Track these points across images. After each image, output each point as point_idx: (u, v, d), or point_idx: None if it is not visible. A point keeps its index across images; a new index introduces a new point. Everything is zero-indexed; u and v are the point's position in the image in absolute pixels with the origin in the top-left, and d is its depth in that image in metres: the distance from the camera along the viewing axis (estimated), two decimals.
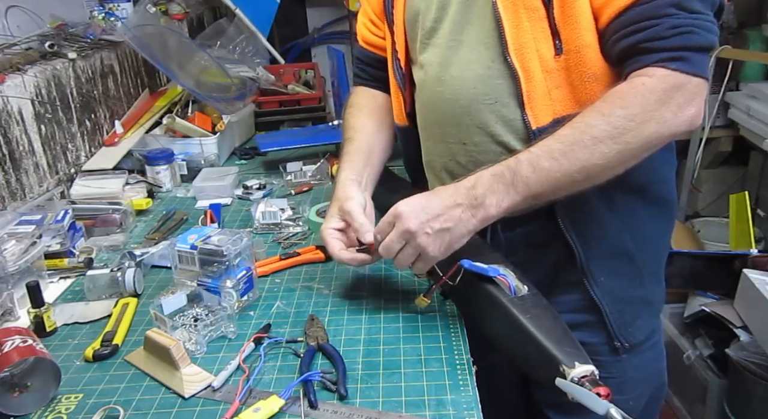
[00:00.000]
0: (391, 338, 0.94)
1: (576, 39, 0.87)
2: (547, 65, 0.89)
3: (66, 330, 1.02)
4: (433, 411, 0.79)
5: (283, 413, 0.80)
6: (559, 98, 0.91)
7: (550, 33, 0.88)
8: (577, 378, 0.73)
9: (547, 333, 0.79)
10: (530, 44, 0.89)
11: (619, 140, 0.81)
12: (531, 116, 0.91)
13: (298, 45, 3.35)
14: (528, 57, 0.89)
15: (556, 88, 0.90)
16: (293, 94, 2.12)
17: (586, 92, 0.89)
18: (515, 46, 0.89)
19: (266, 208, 1.35)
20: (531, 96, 0.91)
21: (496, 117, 0.94)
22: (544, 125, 0.91)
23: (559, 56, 0.88)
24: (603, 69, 0.88)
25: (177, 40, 1.87)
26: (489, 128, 0.95)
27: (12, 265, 1.07)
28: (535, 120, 0.91)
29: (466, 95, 0.96)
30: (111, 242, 1.29)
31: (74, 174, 1.53)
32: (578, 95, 0.90)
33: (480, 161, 0.97)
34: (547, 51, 0.89)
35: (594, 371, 0.74)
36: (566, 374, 0.74)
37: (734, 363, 1.77)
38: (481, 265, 0.90)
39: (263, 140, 1.77)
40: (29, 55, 1.45)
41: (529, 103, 0.91)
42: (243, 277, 1.04)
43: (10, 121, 1.31)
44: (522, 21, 0.89)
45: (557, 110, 0.91)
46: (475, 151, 0.98)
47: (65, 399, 0.85)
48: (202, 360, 0.91)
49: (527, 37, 0.89)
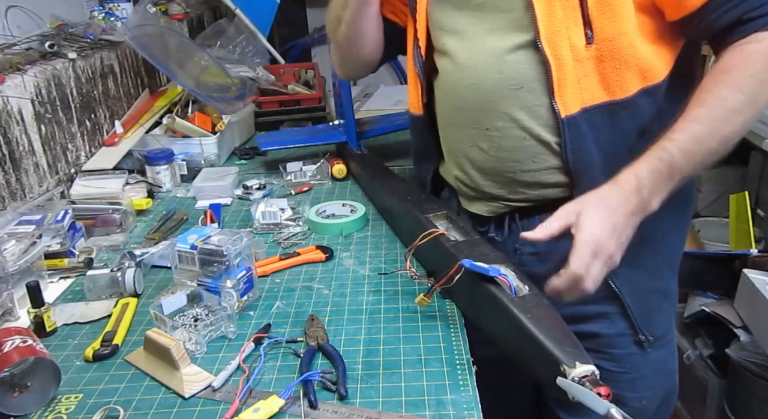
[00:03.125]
0: (391, 338, 0.94)
1: (611, 27, 0.88)
2: (578, 54, 0.90)
3: (66, 330, 1.02)
4: (433, 411, 0.79)
5: (283, 413, 0.80)
6: (588, 87, 0.91)
7: (582, 22, 0.89)
8: (578, 378, 0.73)
9: (548, 332, 0.79)
10: (562, 32, 0.89)
11: (754, 105, 0.85)
12: (560, 104, 0.91)
13: (298, 45, 3.35)
14: (560, 45, 0.90)
15: (585, 76, 0.91)
16: (293, 94, 2.12)
17: (618, 80, 0.90)
18: (547, 34, 0.90)
19: (266, 208, 1.35)
20: (561, 84, 0.91)
21: (520, 103, 0.95)
22: (572, 113, 0.92)
23: (590, 45, 0.89)
24: (634, 57, 0.89)
25: (177, 40, 1.87)
26: (512, 114, 0.96)
27: (12, 265, 1.07)
28: (564, 108, 0.92)
29: (490, 81, 0.96)
30: (111, 242, 1.29)
31: (74, 174, 1.53)
32: (609, 83, 0.91)
33: (502, 146, 0.99)
34: (578, 39, 0.89)
35: (595, 371, 0.74)
36: (567, 373, 0.74)
37: (734, 363, 1.77)
38: (482, 265, 0.89)
39: (263, 140, 1.77)
40: (29, 55, 1.45)
41: (559, 91, 0.91)
42: (243, 277, 1.04)
43: (10, 121, 1.31)
44: (555, 9, 0.89)
45: (585, 99, 0.92)
46: (497, 136, 0.99)
47: (65, 399, 0.85)
48: (202, 360, 0.91)
49: (560, 25, 0.89)
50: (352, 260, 1.19)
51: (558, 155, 0.96)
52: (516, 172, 1.00)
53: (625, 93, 0.91)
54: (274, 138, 1.80)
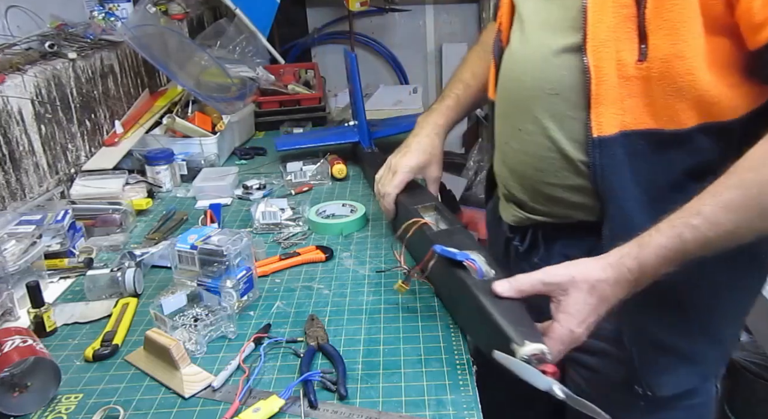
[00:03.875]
0: (391, 338, 0.94)
1: (667, 47, 0.77)
2: (625, 70, 0.80)
3: (66, 330, 1.02)
4: (433, 411, 0.79)
5: (283, 413, 0.80)
6: (632, 109, 0.81)
7: (636, 35, 0.78)
8: (526, 356, 0.74)
9: (504, 312, 0.81)
10: (610, 43, 0.80)
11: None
12: (595, 121, 0.83)
13: (298, 45, 3.35)
14: (604, 56, 0.80)
15: (630, 97, 0.81)
16: (293, 94, 2.12)
17: (666, 108, 0.80)
18: (594, 41, 0.81)
19: (266, 208, 1.35)
20: (599, 100, 0.82)
21: (553, 110, 0.88)
22: (607, 134, 0.82)
23: (642, 63, 0.79)
24: (692, 87, 0.77)
25: (177, 40, 1.86)
26: (542, 120, 0.89)
27: (12, 265, 1.07)
28: (598, 127, 0.83)
29: (530, 80, 0.90)
30: (111, 242, 1.29)
31: (74, 174, 1.53)
32: (656, 110, 0.80)
33: (528, 152, 0.93)
34: (628, 54, 0.79)
35: (543, 350, 0.75)
36: (516, 351, 0.75)
37: (734, 363, 1.77)
38: (452, 250, 0.91)
39: (281, 141, 1.81)
40: (29, 55, 1.45)
41: (595, 108, 0.82)
42: (243, 277, 1.04)
43: (10, 121, 1.31)
44: (606, 15, 0.79)
45: (627, 122, 0.82)
46: (527, 139, 0.93)
47: (65, 399, 0.85)
48: (202, 360, 0.91)
49: (608, 34, 0.80)
50: (352, 260, 1.19)
51: (584, 175, 0.87)
52: (538, 182, 0.94)
53: (677, 125, 0.80)
54: (291, 139, 1.84)
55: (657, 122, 0.81)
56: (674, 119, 0.79)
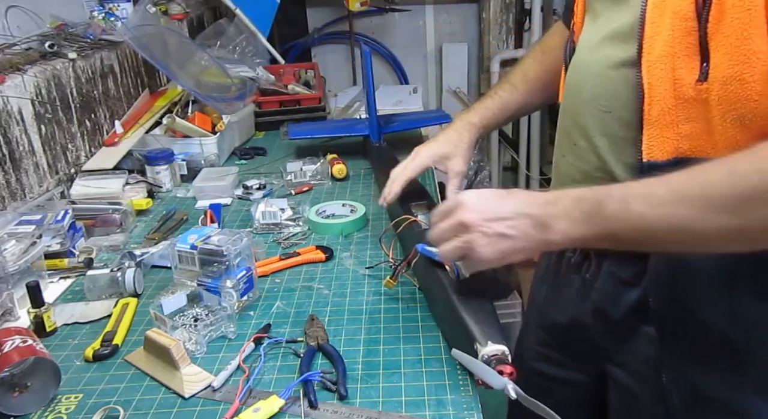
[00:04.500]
0: (391, 338, 0.94)
1: (725, 68, 0.68)
2: (682, 91, 0.71)
3: (66, 330, 1.02)
4: (433, 411, 0.79)
5: (283, 413, 0.80)
6: (689, 135, 0.72)
7: (698, 52, 0.69)
8: (487, 356, 0.77)
9: (472, 313, 0.84)
10: (666, 59, 0.72)
11: (742, 215, 0.62)
12: (646, 144, 0.75)
13: (298, 45, 3.35)
14: (659, 73, 0.72)
15: (688, 121, 0.72)
16: (293, 94, 2.12)
17: (726, 137, 0.70)
18: (649, 57, 0.73)
19: (266, 208, 1.35)
20: (651, 121, 0.74)
21: (605, 128, 0.81)
22: (659, 159, 0.74)
23: (702, 83, 0.69)
24: (756, 116, 0.68)
25: (177, 40, 1.87)
26: (593, 138, 0.83)
27: (12, 265, 1.07)
28: (648, 151, 0.75)
29: (585, 92, 0.84)
30: (111, 242, 1.29)
31: (74, 174, 1.53)
32: (715, 138, 0.71)
33: (580, 169, 0.86)
34: (687, 73, 0.70)
35: (505, 351, 0.77)
36: (478, 351, 0.78)
37: None
38: (432, 249, 0.93)
39: (293, 129, 1.85)
40: (29, 55, 1.45)
41: (647, 129, 0.75)
42: (243, 277, 1.04)
43: (10, 121, 1.31)
44: (665, 28, 0.71)
45: (683, 148, 0.73)
46: (576, 153, 0.87)
47: (65, 399, 0.85)
48: (202, 360, 0.91)
49: (665, 49, 0.72)
50: (352, 260, 1.19)
51: None
52: None
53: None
54: (304, 128, 1.89)
55: (717, 151, 0.71)
56: (736, 149, 0.69)
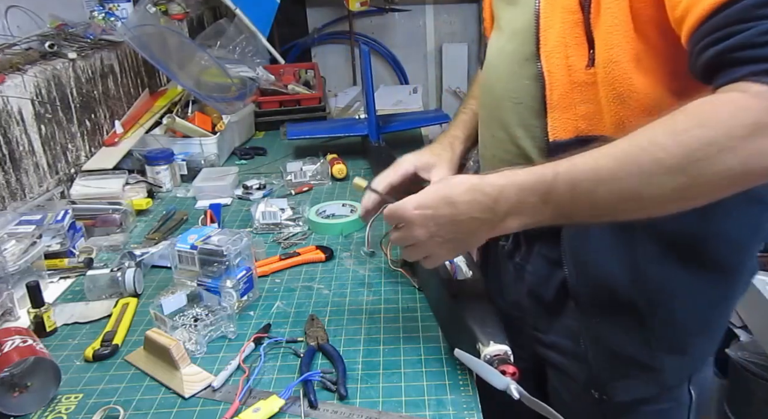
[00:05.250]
0: (391, 338, 0.94)
1: (604, 52, 0.76)
2: (576, 76, 0.80)
3: (66, 330, 1.02)
4: (433, 411, 0.79)
5: (283, 413, 0.80)
6: (585, 115, 0.81)
7: (585, 40, 0.78)
8: (489, 356, 0.77)
9: (473, 313, 0.84)
10: (559, 49, 0.81)
11: (688, 170, 0.63)
12: (550, 125, 0.84)
13: (298, 45, 3.35)
14: (555, 62, 0.81)
15: (583, 102, 0.81)
16: (293, 94, 2.12)
17: (612, 115, 0.78)
18: (546, 48, 0.82)
19: (266, 208, 1.35)
20: (553, 105, 0.83)
21: (518, 118, 0.89)
22: (563, 139, 0.83)
23: (590, 68, 0.78)
24: (632, 92, 0.76)
25: (177, 40, 1.87)
26: (510, 128, 0.90)
27: (12, 265, 1.07)
28: (553, 132, 0.84)
29: (499, 89, 0.91)
30: (111, 242, 1.29)
31: (74, 174, 1.53)
32: (606, 117, 0.79)
33: (501, 158, 0.93)
34: (578, 60, 0.79)
35: (507, 351, 0.77)
36: (480, 351, 0.78)
37: (734, 363, 1.77)
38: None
39: (292, 129, 1.85)
40: (29, 55, 1.45)
41: (550, 113, 0.83)
42: (243, 277, 1.04)
43: (10, 121, 1.31)
44: (556, 22, 0.80)
45: (581, 128, 0.82)
46: (498, 146, 0.94)
47: (65, 399, 0.85)
48: (202, 360, 0.91)
49: (558, 40, 0.80)
50: (352, 260, 1.19)
51: None
52: None
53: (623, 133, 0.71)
54: (302, 128, 1.88)
55: (608, 129, 0.79)
56: (622, 127, 0.77)
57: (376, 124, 1.75)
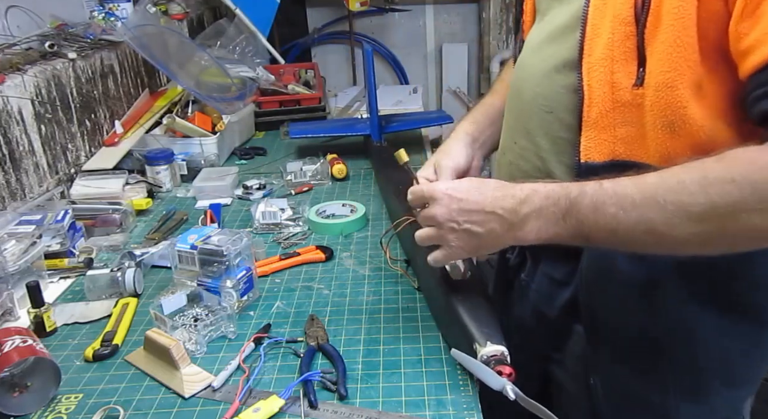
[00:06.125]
0: (391, 338, 0.94)
1: (659, 74, 0.69)
2: (620, 95, 0.73)
3: (66, 330, 1.02)
4: (433, 411, 0.79)
5: (283, 413, 0.80)
6: (624, 138, 0.74)
7: (635, 56, 0.71)
8: (486, 356, 0.77)
9: (471, 312, 0.84)
10: (605, 62, 0.73)
11: (710, 221, 0.62)
12: (584, 146, 0.77)
13: (298, 45, 3.35)
14: (598, 76, 0.74)
15: (624, 125, 0.74)
16: (293, 94, 2.12)
17: (658, 143, 0.71)
18: (590, 58, 0.74)
19: (266, 208, 1.35)
20: (589, 123, 0.76)
21: (546, 128, 0.82)
22: (595, 161, 0.76)
23: (638, 88, 0.71)
24: (685, 123, 0.69)
25: (177, 40, 1.87)
26: (535, 138, 0.84)
27: (12, 265, 1.07)
28: (585, 152, 0.77)
29: (528, 93, 0.85)
30: (111, 242, 1.29)
31: (74, 174, 1.53)
32: (648, 143, 0.72)
33: (519, 167, 0.88)
34: (624, 77, 0.72)
35: (504, 351, 0.77)
36: (477, 351, 0.78)
37: None
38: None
39: (294, 128, 1.85)
40: (29, 55, 1.45)
41: (585, 131, 0.76)
42: (243, 277, 1.04)
43: (10, 121, 1.31)
44: (605, 31, 0.73)
45: (618, 152, 0.75)
46: (519, 154, 0.88)
47: (65, 399, 0.85)
48: (202, 360, 0.91)
49: (605, 51, 0.73)
50: (352, 260, 1.19)
51: None
52: None
53: (668, 165, 0.67)
54: (305, 127, 1.88)
55: (650, 157, 0.73)
56: (666, 156, 0.71)
57: (379, 124, 1.76)
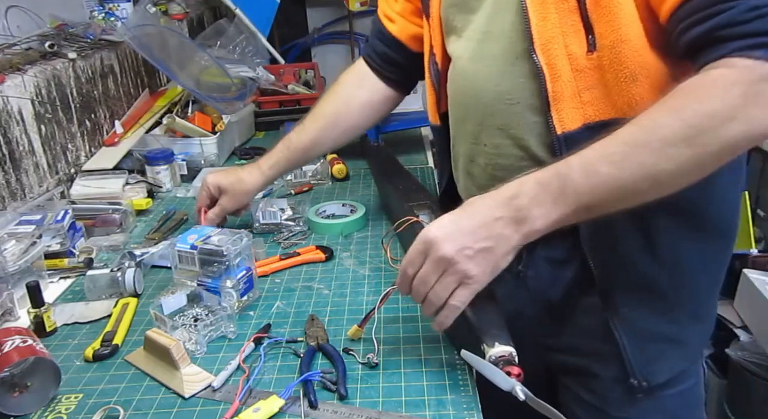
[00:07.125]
0: (391, 338, 0.94)
1: (611, 33, 0.76)
2: (577, 63, 0.80)
3: (66, 330, 1.02)
4: (433, 411, 0.79)
5: (283, 413, 0.80)
6: (590, 101, 0.81)
7: (582, 26, 0.78)
8: (494, 357, 0.76)
9: (477, 314, 0.82)
10: (558, 39, 0.80)
11: (695, 142, 0.68)
12: (556, 119, 0.82)
13: (298, 45, 3.35)
14: (555, 53, 0.80)
15: (587, 89, 0.80)
16: (293, 94, 2.12)
17: (623, 95, 0.79)
18: (541, 41, 0.80)
19: (266, 208, 1.35)
20: (557, 97, 0.81)
21: (518, 119, 0.87)
22: (571, 129, 0.82)
23: (592, 53, 0.78)
24: (643, 68, 0.77)
25: (177, 40, 1.86)
26: (510, 130, 0.88)
27: (12, 265, 1.07)
28: (560, 124, 0.82)
29: (489, 93, 0.89)
30: (111, 242, 1.29)
31: (74, 174, 1.53)
32: (613, 98, 0.79)
33: (500, 165, 0.91)
34: (577, 47, 0.79)
35: (512, 352, 0.77)
36: (485, 352, 0.77)
37: (734, 363, 1.78)
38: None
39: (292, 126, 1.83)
40: (29, 55, 1.45)
41: (555, 105, 0.82)
42: (243, 277, 1.04)
43: (10, 121, 1.31)
44: (549, 13, 0.79)
45: (588, 115, 0.81)
46: (494, 153, 0.91)
47: (65, 399, 0.85)
48: (202, 360, 0.91)
49: (555, 31, 0.79)
50: (352, 260, 1.19)
51: None
52: None
53: (636, 111, 0.75)
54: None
55: (617, 110, 0.80)
56: (633, 105, 0.78)
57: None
